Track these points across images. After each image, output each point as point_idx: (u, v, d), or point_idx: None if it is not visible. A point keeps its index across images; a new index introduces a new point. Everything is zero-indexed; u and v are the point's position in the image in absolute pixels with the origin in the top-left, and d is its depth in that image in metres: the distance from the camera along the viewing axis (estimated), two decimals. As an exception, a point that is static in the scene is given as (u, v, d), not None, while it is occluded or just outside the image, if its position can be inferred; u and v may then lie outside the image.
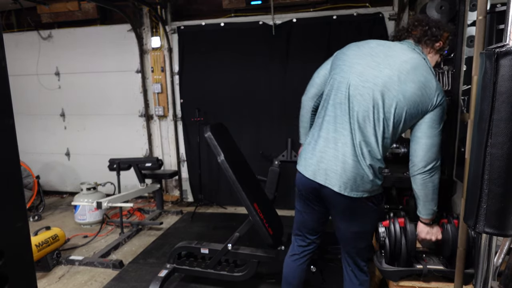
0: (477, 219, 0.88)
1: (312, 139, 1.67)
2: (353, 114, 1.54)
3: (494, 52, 0.82)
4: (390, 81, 1.50)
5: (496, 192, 0.85)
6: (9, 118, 0.45)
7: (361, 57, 1.58)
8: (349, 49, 1.67)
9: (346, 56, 1.63)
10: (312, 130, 1.72)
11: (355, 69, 1.56)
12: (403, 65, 1.51)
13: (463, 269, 1.27)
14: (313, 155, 1.62)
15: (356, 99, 1.54)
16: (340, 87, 1.59)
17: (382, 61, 1.54)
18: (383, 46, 1.61)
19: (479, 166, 0.87)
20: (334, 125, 1.58)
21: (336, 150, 1.55)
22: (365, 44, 1.65)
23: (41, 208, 4.29)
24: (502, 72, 0.82)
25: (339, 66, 1.63)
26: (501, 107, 0.83)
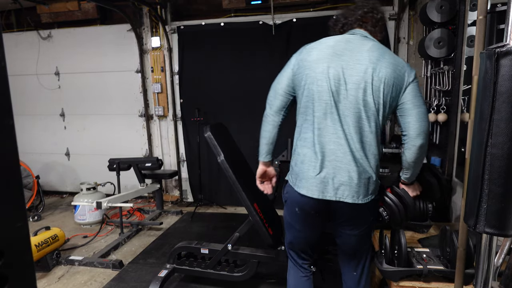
0: (477, 219, 0.88)
1: (305, 157, 1.55)
2: (345, 121, 1.49)
3: (495, 52, 0.82)
4: (367, 75, 1.48)
5: (497, 192, 0.85)
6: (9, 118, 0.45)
7: (329, 60, 1.51)
8: (310, 54, 1.57)
9: (312, 63, 1.53)
10: (300, 149, 1.59)
11: (330, 74, 1.49)
12: (371, 55, 1.50)
13: (463, 269, 1.27)
14: (314, 173, 1.51)
15: (343, 104, 1.49)
16: (321, 97, 1.50)
17: (350, 58, 1.50)
18: (341, 42, 1.57)
19: (479, 166, 0.87)
20: (329, 137, 1.50)
21: (339, 162, 1.49)
22: (323, 44, 1.59)
23: (41, 208, 4.29)
24: (502, 72, 0.82)
25: (310, 75, 1.53)
26: (502, 107, 0.83)
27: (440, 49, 2.61)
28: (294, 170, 1.63)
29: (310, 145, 1.55)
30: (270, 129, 1.78)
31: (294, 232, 1.76)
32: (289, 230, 1.79)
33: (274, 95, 1.71)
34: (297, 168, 1.60)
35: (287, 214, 1.74)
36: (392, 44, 3.78)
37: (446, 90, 2.61)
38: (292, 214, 1.69)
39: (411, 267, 1.66)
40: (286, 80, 1.66)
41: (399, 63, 1.53)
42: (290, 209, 1.68)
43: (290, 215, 1.71)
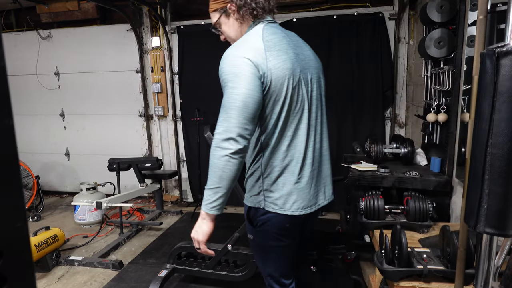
0: (477, 219, 0.88)
1: (293, 175, 1.36)
2: (312, 123, 1.42)
3: (495, 52, 0.82)
4: (317, 65, 1.48)
5: (497, 192, 0.85)
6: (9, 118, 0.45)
7: (295, 61, 1.33)
8: (278, 58, 1.28)
9: (287, 71, 1.29)
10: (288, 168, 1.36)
11: (303, 77, 1.37)
12: (303, 43, 1.45)
13: (463, 270, 1.27)
14: (307, 189, 1.38)
15: (314, 105, 1.44)
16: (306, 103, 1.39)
17: (300, 52, 1.39)
18: (282, 34, 1.38)
19: (479, 166, 0.87)
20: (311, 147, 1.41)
21: (323, 165, 1.50)
22: (281, 43, 1.33)
23: (41, 208, 4.29)
24: (502, 72, 0.82)
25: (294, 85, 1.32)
26: (502, 107, 0.83)
27: (440, 49, 2.61)
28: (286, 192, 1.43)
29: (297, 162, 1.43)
30: (239, 168, 1.29)
31: (279, 252, 1.49)
32: (271, 256, 1.50)
33: (250, 118, 1.26)
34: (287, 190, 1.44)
35: (269, 236, 1.43)
36: (392, 44, 3.79)
37: (446, 90, 2.61)
38: (280, 234, 1.43)
39: (411, 267, 1.66)
40: (259, 96, 1.35)
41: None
42: (278, 227, 1.41)
43: (275, 234, 1.43)
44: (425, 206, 2.20)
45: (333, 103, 3.97)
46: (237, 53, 1.26)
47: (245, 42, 1.30)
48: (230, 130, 1.22)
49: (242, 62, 1.23)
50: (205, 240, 1.37)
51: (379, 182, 2.60)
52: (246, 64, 1.22)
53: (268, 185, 1.37)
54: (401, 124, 3.96)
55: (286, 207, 1.35)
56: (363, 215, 2.35)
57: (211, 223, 1.33)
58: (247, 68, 1.22)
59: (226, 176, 1.25)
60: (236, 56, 1.26)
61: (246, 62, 1.22)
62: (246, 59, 1.23)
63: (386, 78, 3.82)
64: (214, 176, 1.26)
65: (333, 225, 3.56)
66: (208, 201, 1.29)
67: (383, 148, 2.93)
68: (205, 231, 1.35)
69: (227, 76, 1.25)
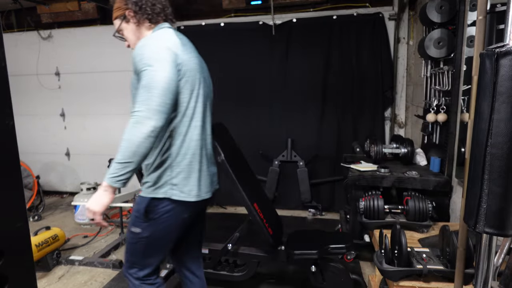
0: (477, 219, 0.88)
1: (199, 164, 1.49)
2: (205, 119, 1.59)
3: (494, 52, 0.82)
4: (204, 69, 1.66)
5: (496, 192, 0.85)
6: (9, 118, 0.45)
7: (197, 61, 1.54)
8: (188, 54, 1.46)
9: (195, 65, 1.49)
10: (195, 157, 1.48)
11: (201, 76, 1.56)
12: (194, 49, 1.61)
13: (463, 269, 1.27)
14: (207, 176, 1.55)
15: (206, 102, 1.60)
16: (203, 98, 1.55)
17: (195, 55, 1.56)
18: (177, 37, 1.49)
19: (479, 166, 0.87)
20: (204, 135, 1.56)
21: (212, 157, 1.67)
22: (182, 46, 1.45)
23: (41, 208, 4.29)
24: (502, 72, 0.82)
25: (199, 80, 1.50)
26: (501, 107, 0.83)
27: (440, 49, 2.61)
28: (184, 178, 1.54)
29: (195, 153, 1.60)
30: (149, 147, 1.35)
31: (167, 242, 1.59)
32: (158, 245, 1.56)
33: (167, 109, 1.35)
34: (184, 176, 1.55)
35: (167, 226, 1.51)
36: (392, 44, 3.79)
37: (446, 90, 2.61)
38: (178, 224, 1.54)
39: (411, 267, 1.66)
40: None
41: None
42: (182, 218, 1.52)
43: (174, 224, 1.52)
44: (424, 206, 2.20)
45: (333, 103, 3.97)
46: (157, 43, 1.36)
47: (161, 36, 1.41)
48: (151, 109, 1.27)
49: (163, 49, 1.34)
50: (102, 211, 1.40)
51: (379, 182, 2.60)
52: (167, 52, 1.33)
53: (177, 174, 1.44)
54: (401, 124, 3.96)
55: (191, 195, 1.45)
56: (363, 215, 2.36)
57: (111, 195, 1.38)
58: (168, 54, 1.33)
59: (140, 152, 1.30)
60: (157, 45, 1.35)
61: (167, 50, 1.34)
62: (167, 47, 1.34)
63: (386, 78, 3.82)
64: (127, 151, 1.30)
65: (333, 225, 3.57)
66: (115, 174, 1.31)
67: (383, 148, 2.94)
68: (105, 202, 1.37)
69: (149, 61, 1.31)
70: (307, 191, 4.00)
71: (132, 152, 1.29)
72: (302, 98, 4.02)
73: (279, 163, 4.10)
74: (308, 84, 3.98)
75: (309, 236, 2.45)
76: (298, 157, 4.04)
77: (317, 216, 4.01)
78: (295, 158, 4.04)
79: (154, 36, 1.42)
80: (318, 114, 4.01)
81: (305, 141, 4.07)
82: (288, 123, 4.09)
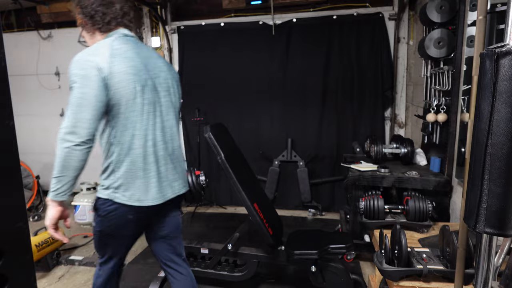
0: (477, 219, 0.88)
1: (139, 171, 1.52)
2: (158, 125, 1.62)
3: (494, 52, 0.82)
4: (168, 76, 1.68)
5: (496, 192, 0.85)
6: (9, 118, 0.45)
7: (142, 69, 1.53)
8: (122, 64, 1.45)
9: (131, 76, 1.48)
10: (135, 164, 1.51)
11: (151, 84, 1.56)
12: (156, 56, 1.65)
13: (463, 269, 1.27)
14: (154, 183, 1.56)
15: (161, 110, 1.64)
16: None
17: (149, 63, 1.57)
18: (132, 45, 1.54)
19: (479, 166, 0.87)
20: (158, 147, 1.60)
21: (173, 162, 1.70)
22: (128, 52, 1.50)
23: (41, 208, 4.29)
24: (502, 72, 0.82)
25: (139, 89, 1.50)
26: (501, 107, 0.83)
27: (440, 49, 2.61)
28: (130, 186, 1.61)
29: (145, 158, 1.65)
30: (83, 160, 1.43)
31: (124, 240, 1.70)
32: (111, 242, 1.67)
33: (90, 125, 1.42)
34: (132, 185, 1.62)
35: (112, 225, 1.60)
36: (392, 44, 3.79)
37: (446, 90, 2.61)
38: (126, 224, 1.61)
39: (411, 267, 1.66)
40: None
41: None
42: (122, 216, 1.59)
43: (119, 223, 1.60)
44: (425, 206, 2.20)
45: (333, 103, 3.97)
46: (84, 58, 1.42)
47: (94, 49, 1.46)
48: (74, 125, 1.36)
49: (88, 65, 1.39)
50: (53, 225, 1.53)
51: (379, 182, 2.60)
52: (91, 67, 1.39)
53: (117, 179, 1.51)
54: (401, 124, 3.96)
55: (132, 199, 1.52)
56: (363, 215, 2.36)
57: (58, 208, 1.47)
58: (92, 70, 1.39)
59: (71, 166, 1.39)
60: (83, 60, 1.41)
61: (91, 65, 1.39)
62: (92, 62, 1.39)
63: (386, 78, 3.82)
64: (58, 166, 1.39)
65: (333, 225, 3.57)
66: (53, 189, 1.42)
67: (383, 148, 2.94)
68: (53, 216, 1.49)
69: (75, 78, 1.39)
70: (307, 191, 4.00)
71: (62, 166, 1.38)
72: (302, 98, 4.02)
73: (279, 163, 4.10)
74: (308, 84, 3.98)
75: (309, 236, 2.45)
76: (298, 157, 4.04)
77: (317, 216, 4.01)
78: (295, 158, 4.04)
79: (87, 50, 1.46)
80: (318, 114, 4.01)
81: (305, 141, 4.07)
82: (288, 123, 4.09)
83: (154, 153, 1.55)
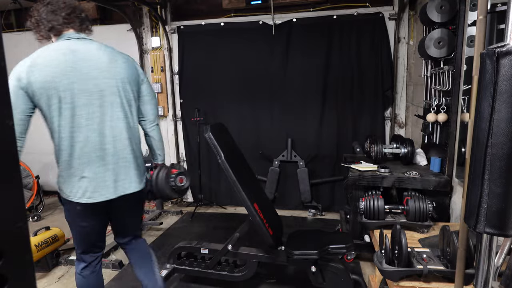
0: (477, 219, 0.88)
1: (77, 170, 1.66)
2: (95, 127, 1.70)
3: (495, 52, 0.82)
4: (109, 75, 1.71)
5: (497, 192, 0.85)
6: (9, 118, 0.45)
7: (68, 74, 1.60)
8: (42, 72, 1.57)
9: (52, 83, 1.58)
10: (73, 163, 1.65)
11: (82, 87, 1.64)
12: (95, 57, 1.67)
13: (463, 270, 1.27)
14: (94, 181, 1.67)
15: (100, 110, 1.72)
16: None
17: (83, 65, 1.63)
18: (64, 51, 1.62)
19: (479, 166, 0.87)
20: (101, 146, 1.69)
21: (119, 162, 1.76)
22: (53, 59, 1.59)
23: (41, 208, 4.29)
24: (502, 72, 0.82)
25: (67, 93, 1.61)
26: (502, 107, 0.83)
27: (440, 49, 2.61)
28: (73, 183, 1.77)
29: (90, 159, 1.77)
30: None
31: (78, 231, 1.86)
32: (73, 232, 1.88)
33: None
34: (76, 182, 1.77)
35: (70, 216, 1.83)
36: (392, 44, 3.79)
37: (446, 90, 2.61)
38: (76, 213, 1.79)
39: (411, 267, 1.66)
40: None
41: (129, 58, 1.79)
42: (71, 210, 1.79)
43: (72, 215, 1.82)
44: (425, 206, 2.20)
45: (333, 103, 3.97)
46: (16, 67, 1.58)
47: (26, 59, 1.60)
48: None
49: (13, 75, 1.55)
50: None
51: (379, 182, 2.60)
52: (13, 77, 1.55)
53: (60, 177, 1.68)
54: (401, 124, 3.96)
55: (71, 195, 1.67)
56: (363, 215, 2.35)
57: None
58: (13, 81, 1.54)
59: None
60: (14, 69, 1.57)
61: (14, 76, 1.55)
62: (15, 73, 1.55)
63: (386, 78, 3.82)
64: None
65: (333, 225, 3.57)
66: None
67: (383, 148, 2.94)
68: None
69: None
70: (307, 191, 4.00)
71: None
72: (302, 98, 4.01)
73: (279, 163, 4.10)
74: (308, 84, 3.98)
75: (309, 236, 2.45)
76: (298, 157, 4.04)
77: (317, 216, 4.01)
78: (295, 158, 4.04)
79: (20, 62, 1.59)
80: (318, 114, 4.01)
81: (305, 141, 4.07)
82: (288, 123, 4.09)
83: (87, 154, 1.63)
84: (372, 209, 2.30)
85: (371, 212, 2.31)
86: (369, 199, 2.34)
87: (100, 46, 1.72)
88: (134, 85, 1.77)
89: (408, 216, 2.24)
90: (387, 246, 1.75)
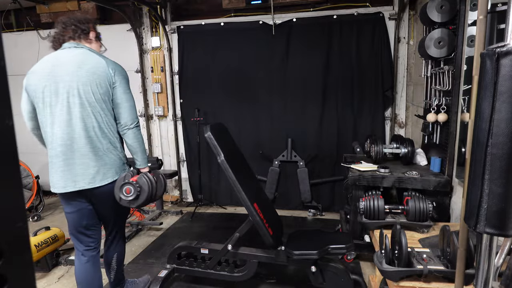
0: (477, 219, 0.88)
1: (51, 164, 1.96)
2: (62, 125, 1.93)
3: (495, 52, 0.82)
4: (74, 78, 1.90)
5: (497, 192, 0.85)
6: (9, 118, 0.45)
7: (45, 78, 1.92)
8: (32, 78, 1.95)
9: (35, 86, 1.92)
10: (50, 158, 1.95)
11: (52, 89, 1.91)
12: (69, 63, 1.90)
13: (463, 270, 1.27)
14: (60, 173, 1.93)
15: (68, 110, 1.95)
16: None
17: (57, 70, 1.91)
18: (51, 58, 1.95)
19: (479, 166, 0.87)
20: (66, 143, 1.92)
21: (75, 158, 1.96)
22: (41, 66, 1.97)
23: (41, 208, 4.29)
24: (502, 72, 0.82)
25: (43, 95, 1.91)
26: (502, 107, 0.83)
27: (440, 49, 2.61)
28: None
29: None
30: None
31: (67, 216, 2.10)
32: (67, 217, 2.11)
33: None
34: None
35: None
36: (392, 44, 3.79)
37: (446, 90, 2.61)
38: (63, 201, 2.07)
39: (411, 267, 1.66)
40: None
41: (101, 64, 1.95)
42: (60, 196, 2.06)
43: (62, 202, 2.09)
44: (425, 206, 2.20)
45: (333, 103, 3.97)
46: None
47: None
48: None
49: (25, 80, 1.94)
50: None
51: (379, 182, 2.60)
52: (24, 82, 1.94)
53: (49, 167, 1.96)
54: (401, 124, 3.96)
55: (52, 185, 1.96)
56: (363, 215, 2.35)
57: None
58: (24, 84, 1.94)
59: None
60: None
61: (25, 80, 1.94)
62: (25, 78, 1.95)
63: (386, 78, 3.82)
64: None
65: (333, 225, 3.57)
66: None
67: (383, 148, 2.93)
68: None
69: None
70: (307, 191, 4.00)
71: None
72: (302, 98, 4.02)
73: (279, 163, 4.10)
74: (308, 83, 3.98)
75: (309, 236, 2.45)
76: (298, 157, 4.04)
77: (317, 216, 4.01)
78: (295, 158, 4.04)
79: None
80: (318, 114, 4.01)
81: (305, 141, 4.07)
82: (288, 123, 4.09)
83: (54, 149, 1.89)
84: (372, 209, 2.30)
85: (371, 212, 2.31)
86: (369, 199, 2.34)
87: (79, 52, 1.92)
88: (101, 88, 1.91)
89: (408, 216, 2.24)
90: (387, 246, 1.75)
